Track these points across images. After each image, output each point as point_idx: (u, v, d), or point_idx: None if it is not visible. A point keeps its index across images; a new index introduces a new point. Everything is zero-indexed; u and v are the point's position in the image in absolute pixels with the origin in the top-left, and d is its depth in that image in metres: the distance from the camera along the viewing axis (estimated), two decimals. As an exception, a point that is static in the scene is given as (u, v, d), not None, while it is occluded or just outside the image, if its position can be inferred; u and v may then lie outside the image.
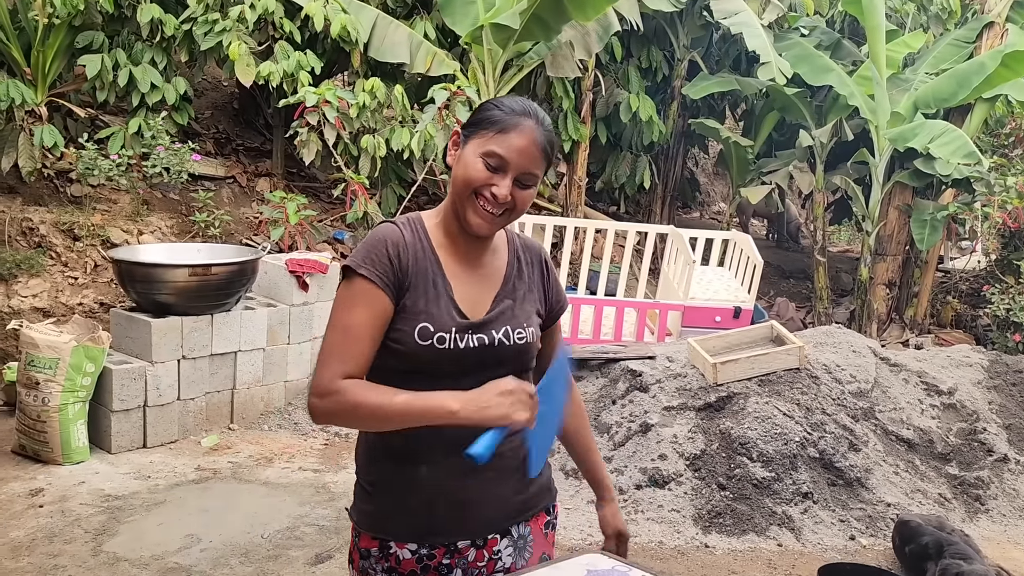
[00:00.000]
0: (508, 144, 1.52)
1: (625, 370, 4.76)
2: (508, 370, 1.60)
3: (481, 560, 1.63)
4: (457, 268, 1.61)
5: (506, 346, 1.60)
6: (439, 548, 1.60)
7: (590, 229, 7.29)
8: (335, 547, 3.59)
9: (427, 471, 1.57)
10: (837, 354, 4.90)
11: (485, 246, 1.65)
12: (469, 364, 1.57)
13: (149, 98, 6.13)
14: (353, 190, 6.18)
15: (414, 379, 1.54)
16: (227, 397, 4.91)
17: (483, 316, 1.60)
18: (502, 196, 1.52)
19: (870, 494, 4.14)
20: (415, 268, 1.56)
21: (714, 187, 14.17)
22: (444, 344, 1.54)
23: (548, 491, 1.74)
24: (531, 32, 6.90)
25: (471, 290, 1.62)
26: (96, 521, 3.69)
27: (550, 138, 1.57)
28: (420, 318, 1.54)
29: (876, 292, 8.28)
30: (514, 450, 1.62)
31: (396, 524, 1.59)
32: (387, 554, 1.60)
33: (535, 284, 1.71)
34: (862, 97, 7.99)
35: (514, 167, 1.53)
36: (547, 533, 1.74)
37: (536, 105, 1.61)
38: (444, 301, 1.57)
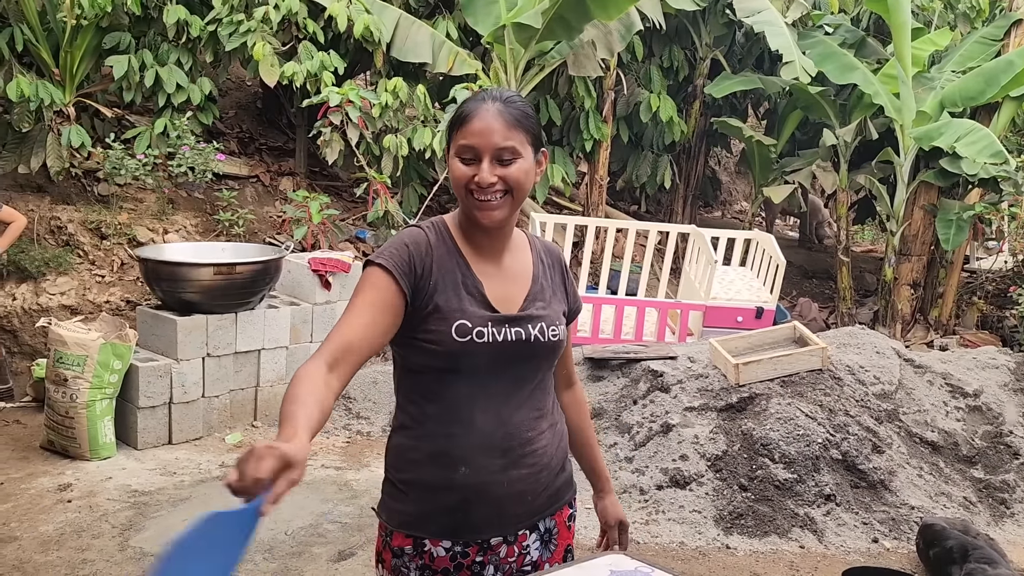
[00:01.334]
0: (471, 132, 1.54)
1: (646, 370, 4.75)
2: (539, 366, 1.65)
3: (512, 556, 1.66)
4: (485, 266, 1.64)
5: (541, 342, 1.63)
6: (473, 546, 1.62)
7: (611, 228, 7.28)
8: (357, 544, 3.62)
9: (466, 471, 1.59)
10: (860, 355, 4.86)
11: (505, 243, 1.67)
12: (506, 359, 1.59)
13: (175, 98, 6.20)
14: (375, 189, 6.22)
15: (454, 379, 1.58)
16: (251, 395, 4.95)
17: (516, 312, 1.63)
18: (485, 181, 1.53)
19: (894, 497, 4.11)
20: (441, 269, 1.59)
21: (736, 186, 14.10)
22: (483, 339, 1.56)
23: (570, 485, 1.78)
24: (553, 31, 6.89)
25: (501, 287, 1.64)
26: (123, 516, 3.75)
27: (516, 110, 1.57)
28: (455, 316, 1.56)
29: (900, 292, 8.20)
30: (544, 448, 1.66)
31: (432, 523, 1.61)
32: (421, 552, 1.62)
33: (558, 285, 1.75)
34: (887, 96, 7.91)
35: (483, 149, 1.54)
36: (570, 525, 1.78)
37: (502, 90, 1.62)
38: (477, 298, 1.60)
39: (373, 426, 5.00)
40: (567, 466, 1.76)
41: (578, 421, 1.90)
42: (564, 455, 1.75)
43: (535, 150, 1.61)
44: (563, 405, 1.86)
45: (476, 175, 1.54)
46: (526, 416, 1.63)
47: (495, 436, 1.58)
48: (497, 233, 1.64)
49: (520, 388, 1.63)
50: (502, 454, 1.58)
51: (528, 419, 1.63)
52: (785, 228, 13.07)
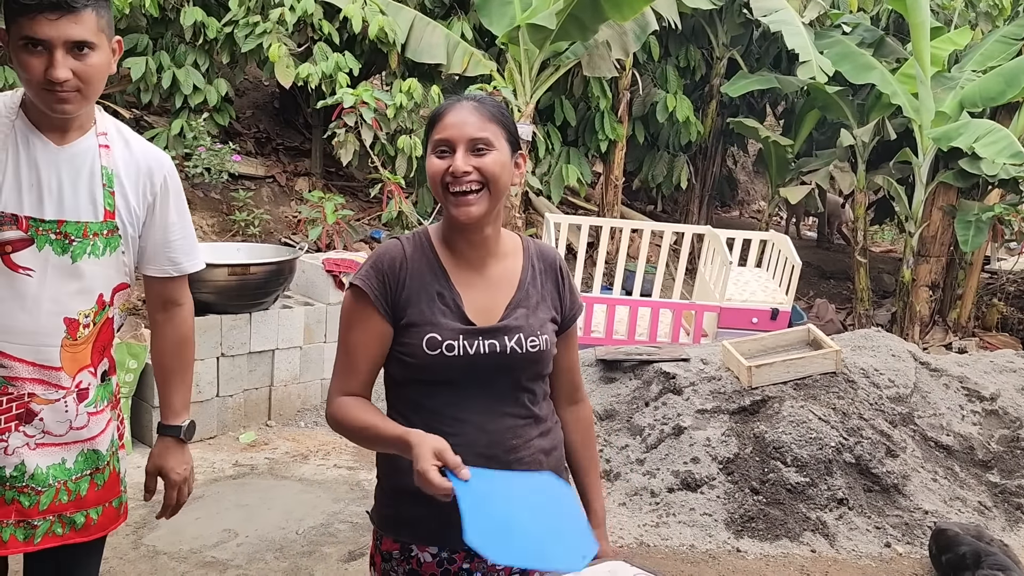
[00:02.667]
0: (445, 126, 1.56)
1: (659, 372, 4.74)
2: (521, 377, 1.63)
3: (499, 564, 1.65)
4: (466, 276, 1.63)
5: (519, 354, 1.61)
6: (459, 552, 1.63)
7: (626, 229, 7.27)
8: (368, 544, 3.64)
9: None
10: (875, 358, 4.82)
11: (489, 249, 1.65)
12: (481, 371, 1.59)
13: (191, 99, 6.25)
14: (389, 190, 6.24)
15: (431, 390, 1.60)
16: (264, 394, 4.99)
17: (495, 323, 1.62)
18: (459, 170, 1.53)
19: (907, 501, 4.08)
20: (415, 282, 1.60)
21: (753, 186, 14.03)
22: (453, 352, 1.57)
23: None
24: (568, 32, 6.89)
25: (482, 296, 1.63)
26: (137, 514, 3.79)
27: (491, 106, 1.59)
28: (426, 329, 1.57)
29: (919, 294, 8.13)
30: (533, 456, 1.65)
31: (418, 528, 1.62)
32: (408, 557, 1.64)
33: (549, 291, 1.71)
34: (905, 96, 7.85)
35: (458, 140, 1.55)
36: None
37: (477, 93, 1.66)
38: (451, 310, 1.59)
39: (382, 428, 5.01)
40: (566, 477, 1.75)
41: (575, 442, 1.81)
42: (558, 464, 1.74)
43: (512, 148, 1.60)
44: (563, 422, 1.80)
45: (450, 165, 1.54)
46: (510, 424, 1.63)
47: (478, 444, 1.58)
48: (479, 239, 1.62)
49: (502, 397, 1.63)
50: (486, 460, 1.57)
51: (513, 427, 1.63)
52: (803, 228, 12.98)
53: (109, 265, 1.81)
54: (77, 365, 1.80)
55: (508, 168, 1.59)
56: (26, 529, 1.78)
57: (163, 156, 1.91)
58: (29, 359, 1.73)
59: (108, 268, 1.81)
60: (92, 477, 1.86)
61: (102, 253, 1.78)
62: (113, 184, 1.79)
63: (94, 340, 1.83)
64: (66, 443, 1.82)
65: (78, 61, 1.63)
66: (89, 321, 1.80)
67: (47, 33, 1.59)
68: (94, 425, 1.85)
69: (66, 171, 1.73)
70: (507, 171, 1.58)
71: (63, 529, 1.83)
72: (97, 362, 1.85)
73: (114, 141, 1.82)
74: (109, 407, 1.91)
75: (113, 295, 1.85)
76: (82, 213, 1.75)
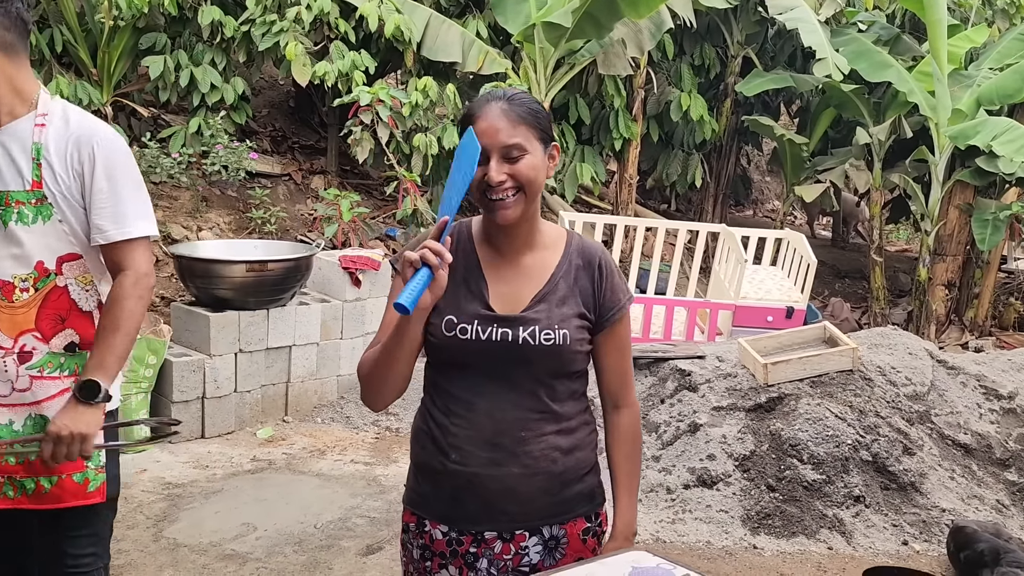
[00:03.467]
0: (477, 132, 1.56)
1: (674, 369, 4.75)
2: (539, 370, 1.64)
3: (507, 553, 1.67)
4: (498, 267, 1.67)
5: (531, 346, 1.62)
6: (467, 535, 1.67)
7: (640, 227, 7.26)
8: (385, 539, 3.66)
9: (456, 458, 1.64)
10: (892, 356, 4.81)
11: (525, 241, 1.67)
12: (495, 358, 1.63)
13: (209, 98, 6.29)
14: (405, 188, 6.27)
15: (452, 372, 1.66)
16: (282, 390, 5.02)
17: (515, 312, 1.64)
18: (494, 180, 1.56)
19: (924, 499, 4.07)
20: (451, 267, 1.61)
21: (768, 184, 13.97)
22: (466, 335, 1.61)
23: (588, 499, 1.74)
24: (583, 30, 6.89)
25: (510, 287, 1.66)
26: (157, 508, 3.83)
27: (520, 106, 1.59)
28: (447, 311, 1.63)
29: (935, 293, 8.09)
30: (544, 452, 1.65)
31: (430, 505, 1.70)
32: (422, 531, 1.71)
33: (582, 287, 1.69)
34: (922, 94, 7.80)
35: (490, 148, 1.56)
36: (585, 540, 1.73)
37: (507, 89, 1.65)
38: (474, 295, 1.64)
39: (402, 422, 5.04)
40: (588, 479, 1.73)
41: (611, 449, 1.78)
42: (581, 466, 1.71)
43: (544, 144, 1.62)
44: (605, 426, 1.80)
45: (486, 174, 1.57)
46: (521, 416, 1.64)
47: (485, 430, 1.63)
48: (515, 231, 1.65)
49: (515, 387, 1.64)
50: (491, 448, 1.62)
51: (524, 419, 1.64)
52: (818, 227, 12.93)
53: (46, 234, 1.92)
54: (17, 328, 1.92)
55: (542, 168, 1.61)
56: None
57: (99, 128, 1.99)
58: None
59: (46, 237, 1.92)
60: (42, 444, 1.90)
61: (32, 221, 1.91)
62: (41, 157, 1.91)
63: (39, 306, 1.93)
64: (11, 404, 1.93)
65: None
66: (28, 286, 1.92)
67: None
68: (39, 390, 1.94)
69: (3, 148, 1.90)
70: (541, 171, 1.61)
71: (14, 492, 1.93)
72: (49, 330, 1.94)
73: (52, 120, 1.94)
74: (72, 379, 1.97)
75: (59, 264, 1.95)
76: (9, 184, 1.90)
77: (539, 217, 1.71)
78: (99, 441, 1.98)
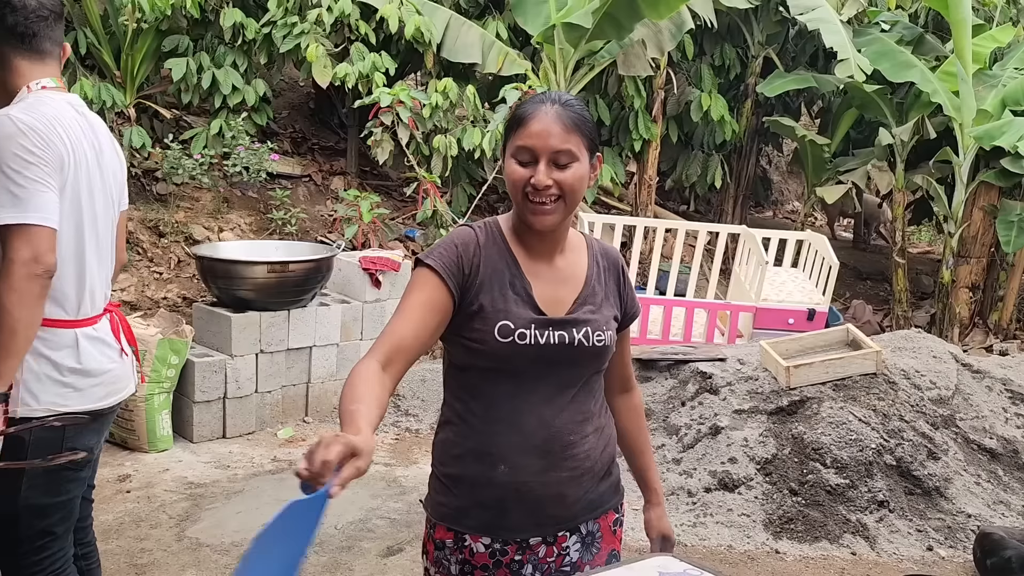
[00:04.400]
0: (528, 134, 1.54)
1: (695, 372, 4.72)
2: (584, 371, 1.65)
3: (551, 556, 1.67)
4: (535, 268, 1.65)
5: (585, 347, 1.62)
6: (511, 544, 1.64)
7: (660, 229, 7.23)
8: (406, 540, 3.66)
9: (505, 470, 1.60)
10: (916, 359, 4.76)
11: (558, 245, 1.67)
12: (549, 361, 1.60)
13: (230, 99, 6.33)
14: (425, 189, 6.27)
15: (497, 378, 1.60)
16: (302, 391, 5.04)
17: (564, 315, 1.63)
18: (541, 183, 1.53)
19: (950, 504, 4.02)
20: (489, 269, 1.60)
21: (788, 186, 13.88)
22: (525, 340, 1.57)
23: (616, 490, 1.77)
24: (603, 31, 6.88)
25: (550, 289, 1.64)
26: (179, 507, 3.85)
27: (574, 113, 1.57)
28: (499, 316, 1.57)
29: (958, 295, 8.00)
30: (587, 452, 1.66)
31: (472, 518, 1.64)
32: (462, 546, 1.65)
33: (612, 289, 1.74)
34: (946, 94, 7.72)
35: (541, 151, 1.54)
36: (615, 530, 1.77)
37: (560, 93, 1.62)
38: (523, 299, 1.61)
39: (421, 423, 5.05)
40: (613, 471, 1.76)
41: (630, 426, 1.90)
42: (610, 460, 1.75)
43: (591, 154, 1.61)
44: (616, 410, 1.85)
45: (532, 176, 1.54)
46: (569, 419, 1.63)
47: (536, 437, 1.59)
48: (549, 235, 1.64)
49: (563, 391, 1.63)
50: (542, 455, 1.59)
51: (571, 422, 1.63)
52: (839, 228, 12.83)
53: None
54: None
55: (586, 178, 1.60)
56: None
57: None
58: None
59: None
60: None
61: None
62: None
63: None
64: None
65: None
66: None
67: None
68: None
69: None
70: (584, 181, 1.59)
71: None
72: None
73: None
74: None
75: None
76: None
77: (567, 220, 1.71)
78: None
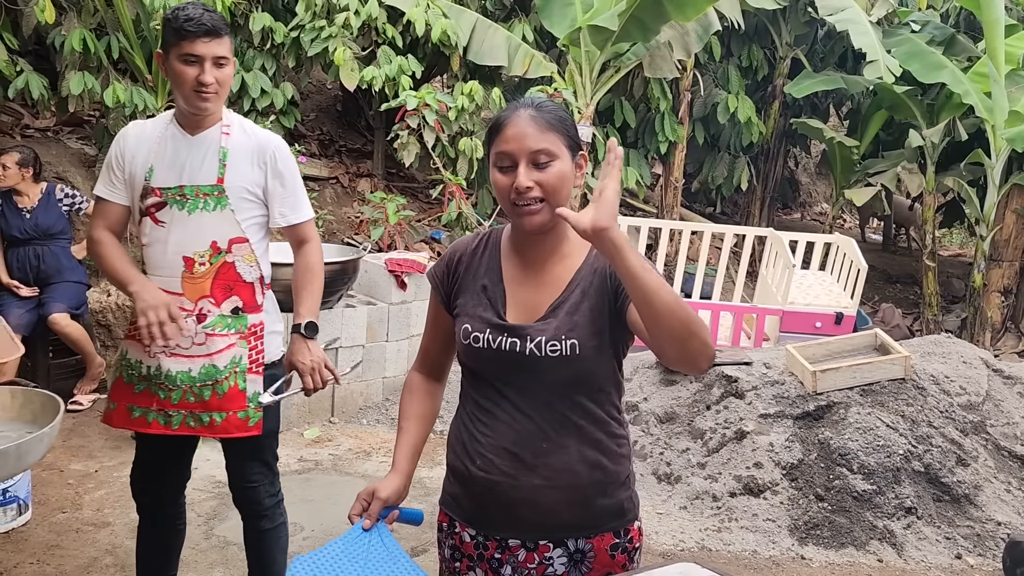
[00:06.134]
0: (505, 139, 1.57)
1: (720, 375, 4.70)
2: (552, 381, 1.61)
3: (531, 562, 1.66)
4: (520, 275, 1.67)
5: (538, 357, 1.59)
6: (492, 540, 1.69)
7: (686, 231, 7.21)
8: (430, 541, 3.68)
9: (480, 464, 1.66)
10: (946, 365, 4.70)
11: (552, 251, 1.65)
12: (506, 367, 1.62)
13: (259, 102, 6.39)
14: (450, 191, 6.30)
15: (475, 379, 1.70)
16: (328, 391, 5.08)
17: (525, 322, 1.62)
18: (522, 186, 1.55)
19: (979, 511, 3.97)
20: (470, 275, 1.71)
21: (816, 187, 13.77)
22: (479, 344, 1.64)
23: (616, 514, 1.69)
24: (629, 33, 6.87)
25: (530, 296, 1.65)
26: (207, 506, 3.90)
27: (549, 114, 1.58)
28: (463, 319, 1.68)
29: (990, 299, 7.89)
30: (566, 464, 1.62)
31: (461, 508, 1.72)
32: (453, 532, 1.74)
33: (598, 285, 1.62)
34: (978, 95, 7.63)
35: (519, 154, 1.55)
36: (614, 555, 1.68)
37: (534, 97, 1.65)
38: (489, 304, 1.66)
39: (446, 424, 5.02)
40: (616, 494, 1.67)
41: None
42: (611, 482, 1.66)
43: (572, 152, 1.60)
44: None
45: (514, 182, 1.56)
46: (540, 427, 1.61)
47: (505, 439, 1.63)
48: (541, 239, 1.64)
49: (531, 398, 1.61)
50: (511, 458, 1.62)
51: (543, 431, 1.61)
52: (868, 231, 12.70)
53: (220, 219, 2.40)
54: (197, 294, 2.42)
55: (569, 176, 1.59)
56: (164, 416, 2.44)
57: (274, 138, 2.52)
58: (165, 287, 2.38)
59: (220, 222, 2.40)
60: (213, 387, 2.42)
61: (213, 208, 2.40)
62: (226, 159, 2.40)
63: (213, 278, 2.43)
64: (191, 355, 2.42)
65: (218, 71, 2.31)
66: (204, 261, 2.41)
67: (201, 51, 2.27)
68: (211, 344, 2.43)
69: (194, 152, 2.39)
70: (567, 179, 1.58)
71: (195, 423, 2.44)
72: (220, 296, 2.44)
73: (234, 130, 2.45)
74: (237, 336, 2.46)
75: (230, 245, 2.43)
76: (197, 179, 2.38)
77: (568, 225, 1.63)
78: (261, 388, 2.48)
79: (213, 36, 2.29)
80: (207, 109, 2.36)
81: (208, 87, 2.30)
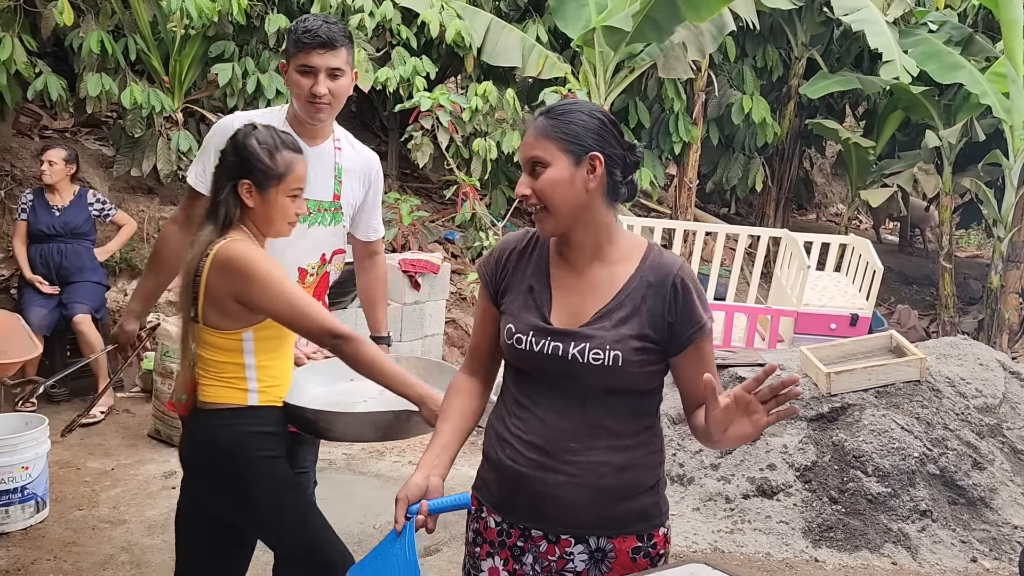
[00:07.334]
0: (520, 148, 1.68)
1: (734, 377, 4.68)
2: (591, 387, 1.63)
3: (552, 555, 1.67)
4: (566, 278, 1.68)
5: (579, 363, 1.60)
6: (516, 529, 1.70)
7: (700, 232, 7.19)
8: (443, 541, 3.70)
9: (509, 453, 1.69)
10: (962, 367, 4.67)
11: (596, 256, 1.66)
12: (546, 370, 1.65)
13: (275, 104, 6.43)
14: (464, 192, 6.32)
15: (515, 375, 1.73)
16: (342, 391, 5.10)
17: (573, 327, 1.63)
18: (520, 193, 1.64)
19: (995, 515, 3.94)
20: (515, 273, 1.72)
21: (832, 188, 13.70)
22: (521, 345, 1.65)
23: (641, 518, 1.68)
24: (643, 34, 6.86)
25: (575, 300, 1.66)
26: (222, 504, 3.92)
27: (554, 120, 1.62)
28: (508, 319, 1.69)
29: (1008, 301, 7.83)
30: (593, 465, 1.64)
31: (490, 493, 1.75)
32: (479, 516, 1.76)
33: (651, 306, 1.62)
34: (996, 96, 7.57)
35: (523, 163, 1.65)
36: (636, 558, 1.68)
37: (555, 103, 1.69)
38: (535, 306, 1.67)
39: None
40: (641, 499, 1.68)
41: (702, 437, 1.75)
42: (638, 487, 1.67)
43: (576, 156, 1.59)
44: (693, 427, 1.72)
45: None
46: (573, 427, 1.63)
47: (537, 433, 1.65)
48: (579, 244, 1.66)
49: (568, 400, 1.64)
50: (540, 453, 1.64)
51: (577, 432, 1.62)
52: (884, 232, 12.62)
53: (332, 233, 2.51)
54: None
55: (565, 182, 1.58)
56: None
57: (375, 157, 2.64)
58: None
59: (331, 236, 2.51)
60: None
61: (329, 223, 2.50)
62: (341, 175, 2.49)
63: (316, 286, 2.55)
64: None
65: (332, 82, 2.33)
66: (314, 272, 2.52)
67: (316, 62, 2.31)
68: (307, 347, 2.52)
69: (314, 165, 2.34)
70: (562, 185, 1.58)
71: None
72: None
73: (343, 144, 2.53)
74: None
75: (333, 255, 2.56)
76: (319, 194, 2.43)
77: (614, 229, 1.67)
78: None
79: (328, 48, 2.31)
80: (320, 120, 2.39)
81: (321, 98, 2.32)
